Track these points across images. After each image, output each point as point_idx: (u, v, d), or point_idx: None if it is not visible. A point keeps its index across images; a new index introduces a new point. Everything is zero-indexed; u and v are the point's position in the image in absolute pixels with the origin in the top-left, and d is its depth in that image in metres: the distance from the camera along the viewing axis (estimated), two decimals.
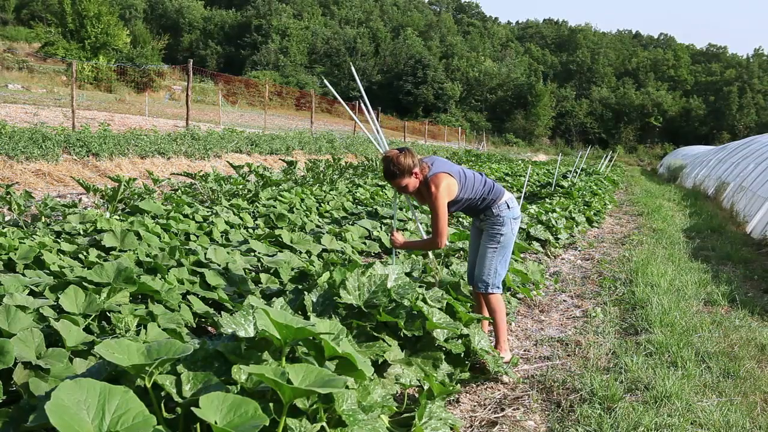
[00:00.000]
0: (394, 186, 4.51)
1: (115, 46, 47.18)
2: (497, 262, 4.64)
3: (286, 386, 2.43)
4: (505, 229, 4.62)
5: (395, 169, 4.37)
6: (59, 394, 2.11)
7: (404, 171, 4.35)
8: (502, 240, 4.62)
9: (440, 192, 4.37)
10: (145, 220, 6.47)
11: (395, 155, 4.39)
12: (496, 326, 4.73)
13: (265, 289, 5.04)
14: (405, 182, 4.40)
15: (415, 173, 4.40)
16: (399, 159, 4.36)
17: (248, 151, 18.23)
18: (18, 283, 3.94)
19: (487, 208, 4.61)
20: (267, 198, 9.65)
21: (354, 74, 5.29)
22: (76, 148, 12.78)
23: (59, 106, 23.73)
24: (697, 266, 8.49)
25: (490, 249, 4.63)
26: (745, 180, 15.64)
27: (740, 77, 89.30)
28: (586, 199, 14.07)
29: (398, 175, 4.36)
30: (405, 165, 4.35)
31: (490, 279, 4.65)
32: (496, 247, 4.63)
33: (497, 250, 4.63)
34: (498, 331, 4.74)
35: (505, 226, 4.61)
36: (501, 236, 4.61)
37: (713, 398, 4.13)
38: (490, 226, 4.64)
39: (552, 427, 3.72)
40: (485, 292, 4.68)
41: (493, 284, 4.66)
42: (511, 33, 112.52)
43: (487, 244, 4.65)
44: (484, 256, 4.66)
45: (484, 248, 4.66)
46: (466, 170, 4.63)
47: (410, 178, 4.40)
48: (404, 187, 4.45)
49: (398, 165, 4.35)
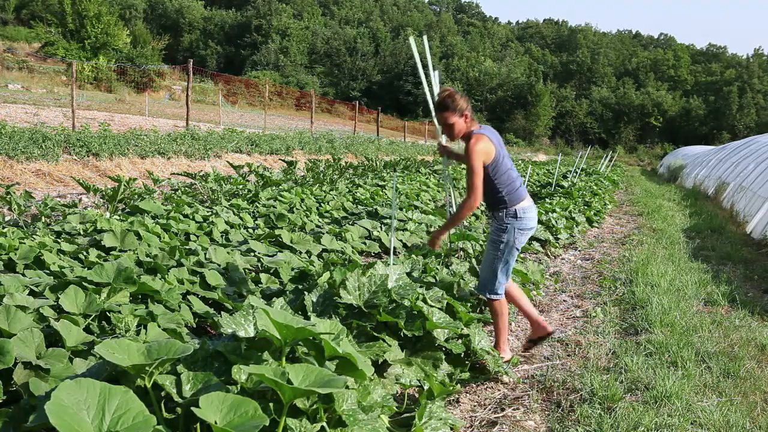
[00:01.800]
0: (441, 121, 4.47)
1: (115, 46, 47.22)
2: (498, 269, 4.53)
3: (286, 386, 2.43)
4: (507, 237, 4.47)
5: (450, 102, 4.36)
6: (59, 394, 2.11)
7: (456, 108, 4.35)
8: (502, 248, 4.49)
9: (477, 148, 4.28)
10: (145, 220, 6.47)
11: (454, 92, 4.42)
12: (496, 329, 4.69)
13: (265, 289, 5.04)
14: (453, 120, 4.38)
15: (465, 116, 4.39)
16: (455, 96, 4.38)
17: (248, 151, 18.22)
18: (18, 283, 3.94)
19: (498, 208, 4.49)
20: (267, 198, 9.65)
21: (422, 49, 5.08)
22: (76, 148, 12.77)
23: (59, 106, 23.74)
24: (697, 266, 8.48)
25: (491, 254, 4.55)
26: (745, 180, 15.64)
27: (740, 77, 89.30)
28: (586, 199, 14.06)
29: (450, 109, 4.35)
30: (459, 103, 4.35)
31: (489, 285, 4.59)
32: (496, 254, 4.52)
33: (498, 258, 4.52)
34: (498, 334, 4.70)
35: (506, 234, 4.47)
36: (501, 243, 4.49)
37: (713, 398, 4.13)
38: (493, 230, 4.55)
39: (552, 427, 3.72)
40: (486, 296, 4.64)
41: (492, 290, 4.59)
42: (511, 33, 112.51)
43: (489, 248, 4.59)
44: (485, 261, 4.61)
45: (487, 252, 4.61)
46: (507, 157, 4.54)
47: (459, 119, 4.38)
48: (450, 125, 4.41)
49: (454, 100, 4.35)
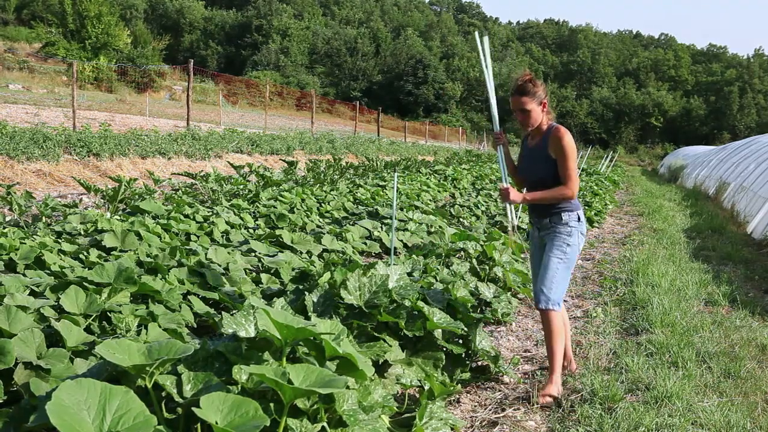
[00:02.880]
0: (517, 106, 4.19)
1: (116, 46, 47.21)
2: (561, 276, 4.18)
3: (287, 386, 2.43)
4: (573, 240, 4.20)
5: (530, 87, 4.12)
6: (60, 395, 2.11)
7: (536, 95, 4.12)
8: (569, 251, 4.19)
9: (570, 140, 4.09)
10: (145, 221, 6.47)
11: (534, 77, 4.19)
12: (550, 352, 4.19)
13: (265, 289, 5.04)
14: (531, 106, 4.13)
15: (543, 104, 4.18)
16: (537, 81, 4.15)
17: (249, 152, 18.23)
18: (19, 283, 3.94)
19: (558, 214, 4.20)
20: (268, 198, 9.65)
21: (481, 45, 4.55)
22: (77, 148, 12.78)
23: (60, 107, 23.74)
24: (697, 266, 8.48)
25: (555, 259, 4.18)
26: (745, 180, 15.63)
27: (741, 77, 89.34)
28: (586, 199, 14.07)
29: (530, 94, 4.11)
30: (539, 90, 4.13)
31: (552, 293, 4.15)
32: (562, 257, 4.18)
33: (563, 262, 4.18)
34: (552, 359, 4.18)
35: (572, 237, 4.20)
36: (568, 247, 4.19)
37: (714, 398, 4.12)
38: (556, 235, 4.21)
39: (553, 427, 3.72)
40: (544, 308, 4.16)
41: (554, 300, 4.16)
42: (511, 33, 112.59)
43: (553, 253, 4.20)
44: (547, 267, 4.19)
45: (548, 258, 4.20)
46: None
47: (537, 107, 4.15)
48: (527, 112, 4.15)
49: (535, 85, 4.12)
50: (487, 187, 15.47)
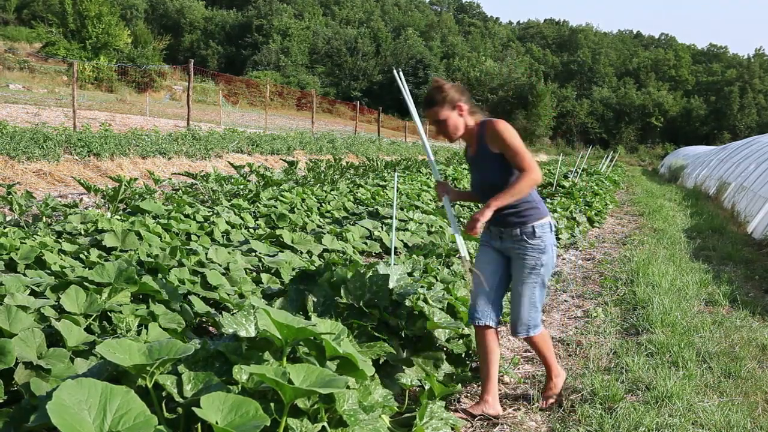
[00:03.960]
0: (431, 119, 3.75)
1: (116, 46, 47.25)
2: (537, 299, 3.75)
3: (287, 386, 2.43)
4: (546, 258, 3.69)
5: (436, 94, 3.67)
6: (60, 394, 2.11)
7: (447, 100, 3.65)
8: (543, 272, 3.70)
9: (509, 126, 3.62)
10: (146, 220, 6.47)
11: (443, 82, 3.73)
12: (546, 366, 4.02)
13: (266, 289, 5.04)
14: (444, 115, 3.67)
15: (459, 108, 3.68)
16: (445, 86, 3.69)
17: (249, 151, 18.24)
18: (19, 283, 3.94)
19: (526, 223, 3.66)
20: (268, 198, 9.65)
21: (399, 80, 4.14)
22: (77, 148, 12.78)
23: (60, 106, 23.75)
24: (698, 266, 8.48)
25: (530, 285, 3.70)
26: (746, 180, 15.63)
27: (741, 77, 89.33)
28: (587, 199, 14.06)
29: (438, 103, 3.65)
30: (449, 93, 3.66)
31: (531, 320, 3.75)
32: (536, 281, 3.70)
33: (537, 286, 3.71)
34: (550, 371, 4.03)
35: (546, 254, 3.68)
36: (542, 267, 3.68)
37: (714, 398, 4.12)
38: (526, 251, 3.68)
39: (553, 427, 3.72)
40: (526, 335, 3.80)
41: (534, 326, 3.78)
42: (512, 33, 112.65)
43: (528, 279, 3.70)
44: (522, 295, 3.72)
45: (523, 285, 3.71)
46: None
47: (452, 112, 3.67)
48: (443, 122, 3.68)
49: (443, 92, 3.66)
50: None
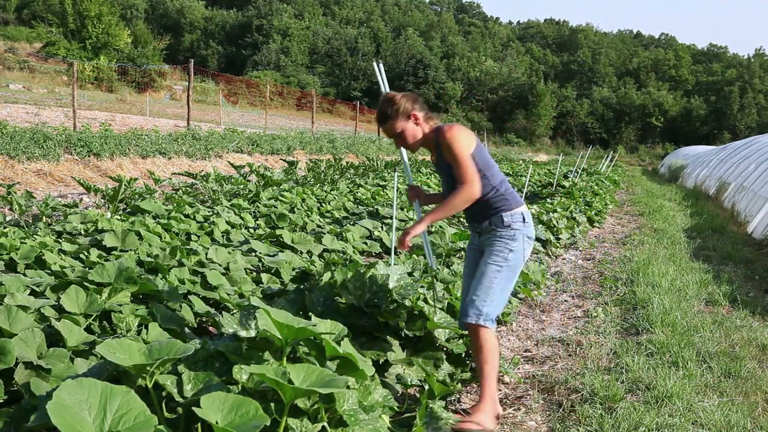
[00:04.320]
0: (388, 133, 3.66)
1: (116, 46, 47.27)
2: (499, 288, 3.53)
3: (288, 386, 2.43)
4: (517, 245, 3.56)
5: (388, 108, 3.56)
6: (60, 394, 2.11)
7: (400, 112, 3.55)
8: (511, 258, 3.55)
9: (458, 132, 3.48)
10: (146, 220, 6.47)
11: (393, 93, 3.62)
12: (481, 373, 3.53)
13: (266, 289, 5.04)
14: (400, 126, 3.57)
15: (414, 117, 3.58)
16: (396, 98, 3.57)
17: (249, 151, 18.24)
18: (19, 283, 3.94)
19: (496, 213, 3.58)
20: (268, 198, 9.66)
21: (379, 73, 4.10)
22: (78, 148, 12.78)
23: (60, 106, 23.76)
24: (698, 266, 8.48)
25: (493, 266, 3.53)
26: (746, 180, 15.63)
27: (741, 77, 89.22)
28: (587, 199, 14.07)
29: (392, 117, 3.56)
30: (401, 105, 3.55)
31: (485, 306, 3.48)
32: (501, 266, 3.53)
33: (502, 271, 3.53)
34: (484, 381, 3.53)
35: (516, 242, 3.56)
36: (511, 253, 3.54)
37: (714, 398, 4.12)
38: (497, 239, 3.59)
39: (553, 427, 3.72)
40: (474, 322, 3.49)
41: (486, 314, 3.48)
42: (512, 33, 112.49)
43: (491, 259, 3.55)
44: (483, 274, 3.55)
45: (486, 265, 3.56)
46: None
47: (407, 122, 3.57)
48: (400, 134, 3.59)
49: (394, 104, 3.55)
50: None
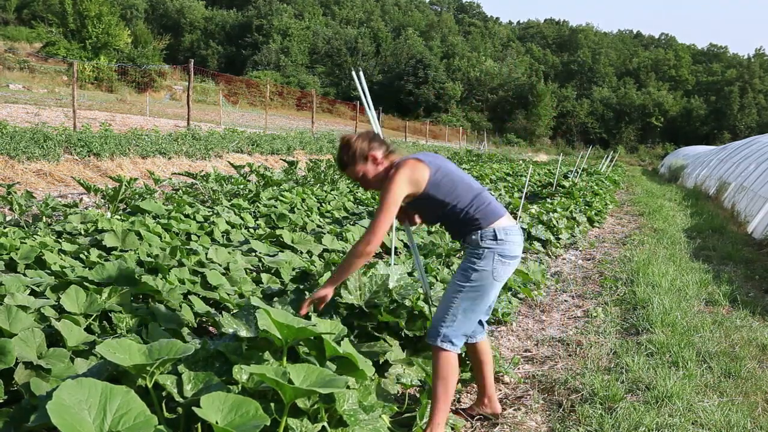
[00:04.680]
0: (350, 179, 3.55)
1: (116, 46, 47.24)
2: (460, 309, 3.31)
3: (288, 386, 2.43)
4: (483, 264, 3.30)
5: (345, 156, 3.41)
6: (60, 394, 2.11)
7: (357, 156, 3.38)
8: (475, 279, 3.30)
9: (399, 175, 3.25)
10: (146, 220, 6.47)
11: (348, 137, 3.46)
12: (433, 396, 3.35)
13: (266, 288, 5.03)
14: (360, 170, 3.39)
15: (373, 157, 3.39)
16: (351, 141, 3.40)
17: (249, 151, 18.23)
18: (19, 283, 3.94)
19: (468, 233, 3.37)
20: (268, 198, 9.65)
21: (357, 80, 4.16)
22: (78, 148, 12.78)
23: (60, 106, 23.74)
24: (698, 266, 8.48)
25: (454, 286, 3.35)
26: (746, 180, 15.63)
27: (741, 77, 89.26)
28: (587, 199, 14.07)
29: (350, 162, 3.39)
30: (356, 147, 3.38)
31: (443, 327, 3.32)
32: (463, 285, 3.32)
33: (463, 291, 3.31)
34: (434, 405, 3.34)
35: (484, 260, 3.30)
36: (474, 272, 3.30)
37: (714, 398, 4.12)
38: (466, 256, 3.41)
39: (553, 427, 3.72)
40: (432, 344, 3.35)
41: (445, 336, 3.32)
42: (512, 33, 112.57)
43: (454, 278, 3.38)
44: (445, 295, 3.41)
45: (450, 284, 3.41)
46: (455, 169, 3.48)
47: (366, 165, 3.39)
48: (363, 178, 3.43)
49: (351, 148, 3.39)
50: (488, 187, 15.46)
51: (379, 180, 3.39)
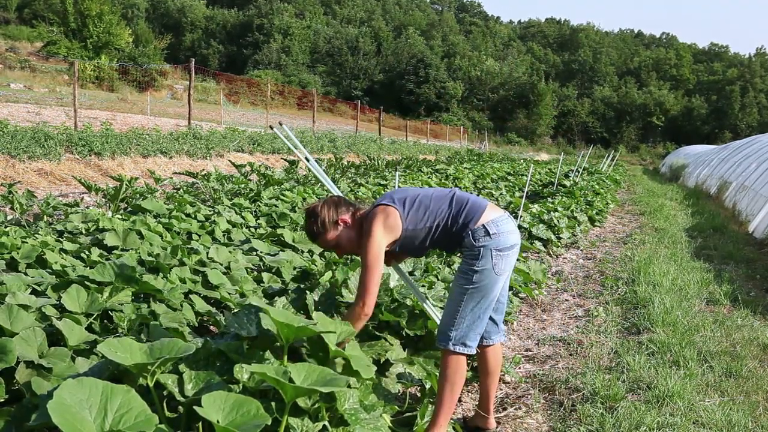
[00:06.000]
0: (324, 248, 3.46)
1: (117, 45, 47.21)
2: (468, 310, 3.26)
3: (289, 385, 2.43)
4: (483, 263, 3.23)
5: (314, 226, 3.33)
6: (61, 393, 2.11)
7: (327, 224, 3.30)
8: (477, 279, 3.23)
9: (374, 227, 3.21)
10: (147, 220, 6.47)
11: (312, 207, 3.38)
12: (439, 397, 3.32)
13: (267, 288, 5.03)
14: (333, 237, 3.33)
15: (344, 221, 3.33)
16: (316, 210, 3.33)
17: (250, 150, 18.23)
18: (20, 282, 3.94)
19: (461, 237, 3.30)
20: (269, 197, 9.65)
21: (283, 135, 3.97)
22: (79, 147, 12.79)
23: (61, 106, 23.74)
24: (699, 265, 8.48)
25: (458, 290, 3.29)
26: (747, 179, 15.62)
27: (742, 76, 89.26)
28: (588, 199, 14.06)
29: (321, 232, 3.31)
30: (324, 216, 3.30)
31: (453, 330, 3.27)
32: (467, 288, 3.25)
33: (469, 294, 3.25)
34: (439, 406, 3.31)
35: (483, 260, 3.23)
36: (475, 273, 3.23)
37: (715, 398, 4.12)
38: (464, 259, 3.32)
39: (554, 426, 3.72)
40: (444, 347, 3.31)
41: (456, 339, 3.28)
42: (513, 32, 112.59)
43: (457, 282, 3.32)
44: (450, 299, 3.35)
45: (452, 288, 3.35)
46: (419, 189, 3.45)
47: (339, 230, 3.33)
48: (336, 245, 3.38)
49: (318, 216, 3.31)
50: (489, 186, 15.47)
51: (352, 241, 3.35)
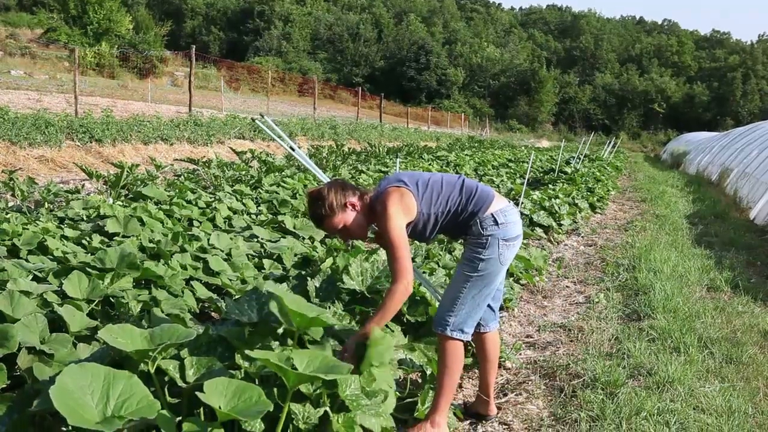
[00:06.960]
0: (330, 232, 3.35)
1: (118, 32, 47.08)
2: (469, 297, 3.24)
3: (291, 372, 2.44)
4: (490, 252, 3.22)
5: (321, 209, 3.21)
6: (63, 379, 2.12)
7: (335, 207, 3.19)
8: (481, 267, 3.22)
9: (391, 208, 3.16)
10: (148, 206, 6.47)
11: (318, 191, 3.27)
12: (439, 383, 3.29)
13: (268, 274, 5.04)
14: (340, 221, 3.22)
15: (351, 204, 3.24)
16: (323, 194, 3.22)
17: (251, 137, 18.20)
18: (22, 268, 3.95)
19: (469, 225, 3.29)
20: (270, 184, 9.64)
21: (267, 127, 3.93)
22: (79, 134, 12.78)
23: (62, 92, 23.65)
24: (700, 252, 8.48)
25: (462, 276, 3.26)
26: (748, 166, 15.59)
27: (744, 63, 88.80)
28: (589, 185, 14.05)
29: (328, 215, 3.20)
30: (332, 199, 3.19)
31: (452, 316, 3.24)
32: (471, 275, 3.23)
33: (472, 281, 3.23)
34: (439, 392, 3.29)
35: (489, 249, 3.23)
36: (481, 262, 3.22)
37: (716, 384, 4.13)
38: (470, 247, 3.29)
39: (555, 412, 3.73)
40: (441, 332, 3.27)
41: (454, 325, 3.25)
42: (514, 19, 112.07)
43: (461, 268, 3.28)
44: (452, 284, 3.32)
45: (456, 274, 3.31)
46: (428, 174, 3.42)
47: (345, 213, 3.23)
48: (343, 229, 3.27)
49: (325, 199, 3.21)
50: (490, 173, 15.45)
51: (361, 225, 3.29)
